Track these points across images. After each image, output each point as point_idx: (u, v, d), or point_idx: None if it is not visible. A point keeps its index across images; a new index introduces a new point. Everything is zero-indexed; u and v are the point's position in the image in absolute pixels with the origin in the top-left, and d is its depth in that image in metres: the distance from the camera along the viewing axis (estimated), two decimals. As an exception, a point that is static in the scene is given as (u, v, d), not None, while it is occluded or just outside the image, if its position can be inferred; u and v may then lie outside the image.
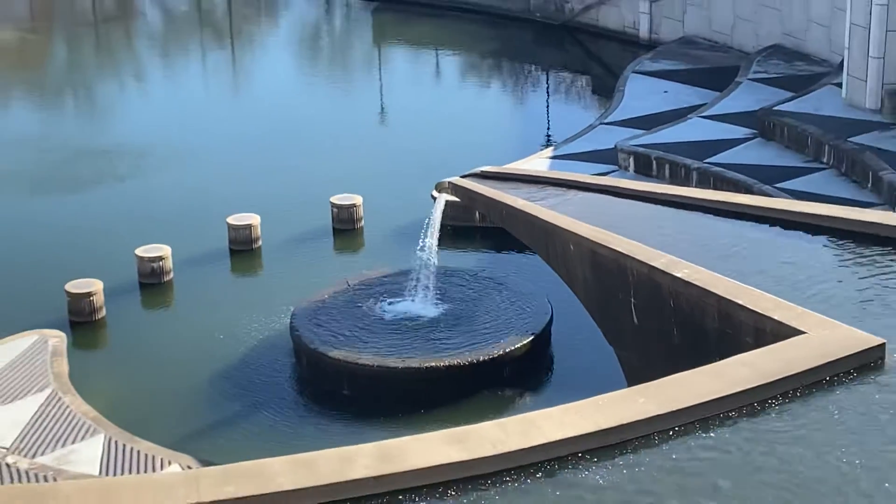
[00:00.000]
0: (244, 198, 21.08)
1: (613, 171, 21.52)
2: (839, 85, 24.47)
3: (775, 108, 23.75)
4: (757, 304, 7.81)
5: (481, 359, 14.68)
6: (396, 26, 41.67)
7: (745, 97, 25.29)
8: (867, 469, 4.87)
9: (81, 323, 16.59)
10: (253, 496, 3.93)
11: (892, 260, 9.80)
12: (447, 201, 16.23)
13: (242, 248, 19.30)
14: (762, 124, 22.93)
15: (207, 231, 19.91)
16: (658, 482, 4.76)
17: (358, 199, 20.34)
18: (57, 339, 15.30)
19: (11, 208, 22.95)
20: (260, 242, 19.41)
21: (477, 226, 18.96)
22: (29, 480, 11.39)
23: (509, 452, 4.51)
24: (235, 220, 19.15)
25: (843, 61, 24.30)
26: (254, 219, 19.16)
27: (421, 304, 16.45)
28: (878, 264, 9.81)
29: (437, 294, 16.63)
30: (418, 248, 16.12)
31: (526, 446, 4.61)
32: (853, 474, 4.80)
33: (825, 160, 21.48)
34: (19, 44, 42.18)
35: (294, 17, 48.34)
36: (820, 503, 4.80)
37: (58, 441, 12.89)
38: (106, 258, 18.90)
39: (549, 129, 27.90)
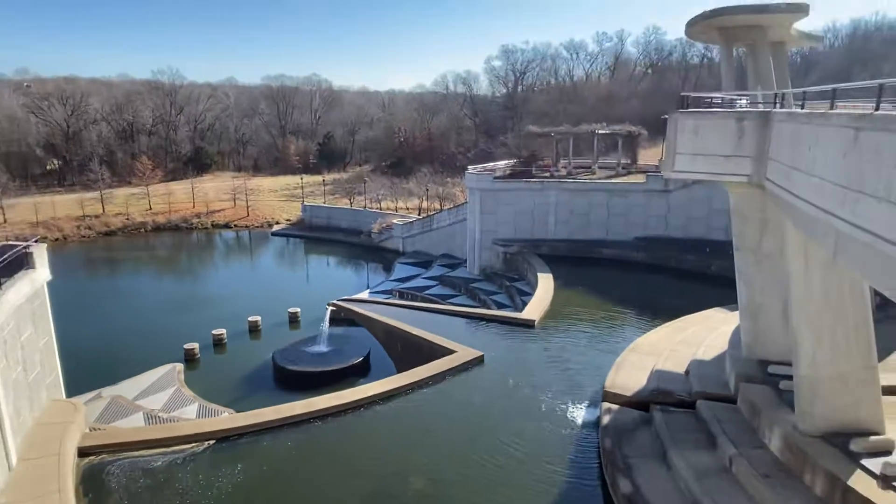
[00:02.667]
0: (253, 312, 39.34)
1: (390, 296, 44.13)
2: (465, 265, 50.17)
3: (446, 275, 49.75)
4: (435, 340, 26.16)
5: (344, 366, 31.63)
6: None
7: (435, 271, 51.33)
8: (474, 401, 21.26)
9: (190, 361, 33.21)
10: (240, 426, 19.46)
11: (484, 325, 29.27)
12: (331, 310, 35.49)
13: (255, 330, 38.40)
14: (442, 280, 47.95)
15: (239, 324, 37.83)
16: (418, 406, 20.85)
17: (297, 310, 40.43)
18: (180, 366, 31.77)
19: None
20: (261, 327, 38.16)
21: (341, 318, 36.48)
22: (165, 422, 24.25)
23: (339, 404, 20.51)
24: (252, 318, 38.24)
25: (467, 258, 50.08)
26: (258, 318, 38.54)
27: (322, 346, 33.44)
28: (487, 327, 29.22)
29: (328, 343, 33.94)
30: (321, 327, 34.96)
31: (359, 397, 20.83)
32: (465, 413, 20.45)
33: (462, 291, 45.11)
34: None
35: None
36: (453, 430, 19.44)
37: (178, 408, 26.70)
38: (198, 333, 35.38)
39: (367, 283, 50.39)
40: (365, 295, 42.73)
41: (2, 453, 16.97)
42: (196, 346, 33.24)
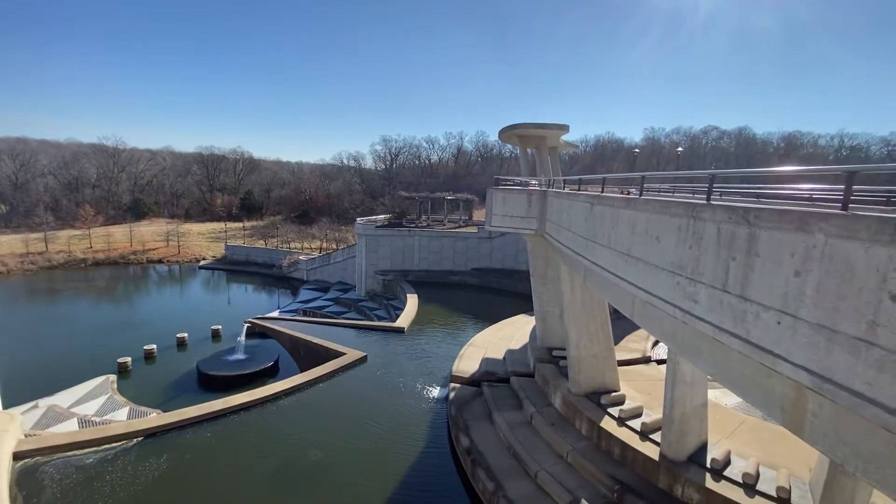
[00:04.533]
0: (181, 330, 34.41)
1: (295, 314, 40.91)
2: (354, 289, 49.52)
3: (340, 297, 47.32)
4: (330, 345, 24.08)
5: (257, 370, 28.38)
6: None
7: (332, 294, 49.06)
8: (360, 390, 20.09)
9: (122, 372, 28.16)
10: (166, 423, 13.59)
11: (367, 333, 30.14)
12: (247, 325, 32.42)
13: (182, 344, 33.21)
14: (337, 301, 46.32)
15: (168, 340, 32.85)
16: (315, 397, 19.34)
17: (219, 327, 36.32)
18: (112, 376, 26.62)
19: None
20: (188, 342, 33.61)
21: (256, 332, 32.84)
22: (97, 425, 19.73)
23: (251, 400, 18.44)
24: (180, 334, 33.54)
25: (356, 284, 49.54)
26: (185, 334, 33.95)
27: (239, 355, 30.23)
28: (370, 334, 28.47)
29: (244, 352, 30.48)
30: (239, 339, 31.51)
31: (269, 393, 18.84)
32: (353, 399, 19.25)
33: (352, 308, 43.30)
34: None
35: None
36: (343, 412, 17.99)
37: (110, 412, 22.68)
38: (130, 349, 30.32)
39: (278, 304, 47.24)
40: (276, 314, 39.84)
41: (-74, 469, 13.37)
42: (129, 359, 28.56)
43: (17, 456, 15.33)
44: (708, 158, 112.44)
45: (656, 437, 12.32)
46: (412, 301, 35.76)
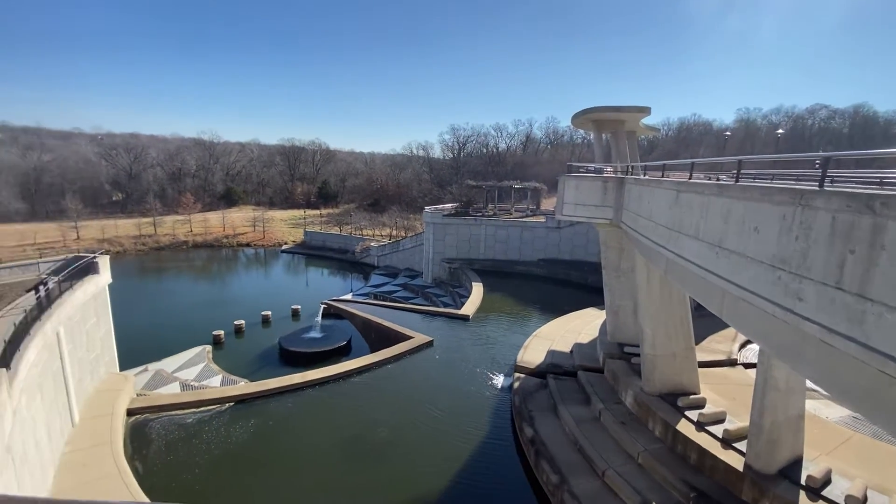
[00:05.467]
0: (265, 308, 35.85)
1: (367, 298, 40.46)
2: (422, 276, 49.39)
3: (408, 283, 47.47)
4: (398, 329, 25.67)
5: (331, 348, 27.97)
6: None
7: (400, 280, 49.51)
8: (425, 373, 20.82)
9: (216, 344, 30.17)
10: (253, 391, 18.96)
11: (434, 318, 29.70)
12: (323, 307, 34.35)
13: (266, 322, 34.74)
14: (405, 286, 46.73)
15: (255, 317, 34.75)
16: (384, 377, 20.57)
17: (298, 307, 37.42)
18: (208, 347, 28.80)
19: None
20: (271, 319, 35.18)
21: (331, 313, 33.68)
22: (195, 389, 21.77)
23: (327, 375, 19.82)
24: (264, 312, 35.12)
25: (423, 271, 49.65)
26: (269, 312, 35.72)
27: (316, 333, 30.63)
28: (436, 320, 28.50)
29: (320, 331, 30.75)
30: (316, 319, 32.63)
31: (342, 371, 20.30)
32: (419, 381, 20.03)
33: (419, 294, 42.98)
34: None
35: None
36: (410, 393, 18.89)
37: (206, 379, 24.25)
38: (223, 323, 32.44)
39: (351, 287, 48.99)
40: (349, 296, 41.77)
41: (67, 413, 15.71)
42: (222, 332, 31.35)
43: (130, 412, 17.60)
44: (814, 141, 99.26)
45: (740, 445, 11.34)
46: (477, 289, 35.78)
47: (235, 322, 33.38)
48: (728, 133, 58.34)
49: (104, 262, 21.92)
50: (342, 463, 14.73)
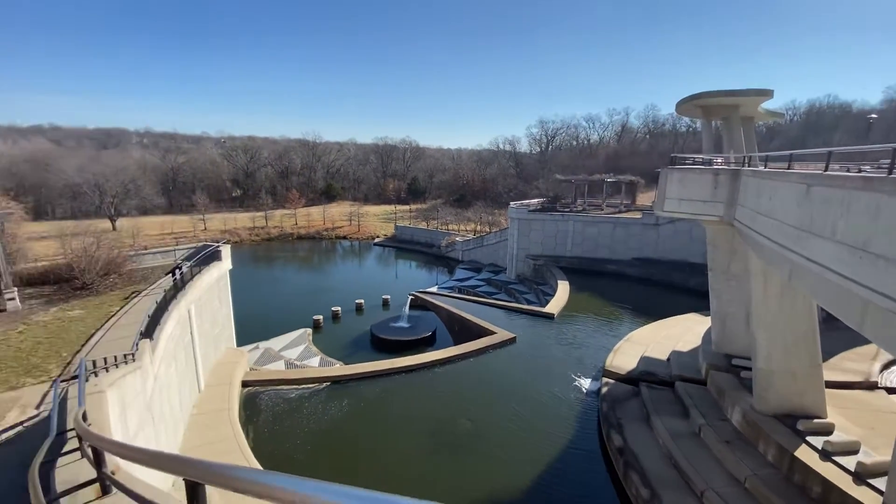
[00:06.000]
0: (358, 296, 38.29)
1: (452, 291, 41.46)
2: (505, 272, 48.45)
3: (492, 278, 46.72)
4: (482, 323, 25.92)
5: (418, 338, 29.00)
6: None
7: (484, 275, 48.79)
8: (508, 369, 20.69)
9: (316, 327, 32.79)
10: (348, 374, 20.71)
11: (517, 315, 28.36)
12: (411, 298, 35.75)
13: (359, 309, 37.01)
14: (488, 282, 46.32)
15: (349, 304, 37.10)
16: (467, 369, 20.80)
17: (388, 297, 39.51)
18: (309, 330, 31.55)
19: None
20: (364, 307, 37.43)
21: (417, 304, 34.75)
22: (298, 367, 24.09)
23: (413, 364, 20.80)
24: (358, 300, 37.58)
25: (507, 266, 48.65)
26: (362, 300, 37.96)
27: (403, 323, 32.22)
28: (519, 317, 28.17)
29: (407, 321, 32.28)
30: (404, 309, 34.13)
31: (427, 360, 21.10)
32: (502, 377, 19.97)
33: (502, 290, 42.28)
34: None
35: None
36: (492, 388, 18.89)
37: (307, 359, 26.42)
38: (321, 308, 35.15)
39: (436, 280, 48.90)
40: (434, 289, 42.79)
41: (195, 380, 18.06)
42: (321, 317, 34.01)
43: (244, 384, 19.80)
44: None
45: (877, 482, 9.63)
46: (563, 287, 34.59)
47: (333, 308, 35.97)
48: (873, 116, 48.97)
49: (226, 251, 24.88)
50: (426, 448, 15.18)
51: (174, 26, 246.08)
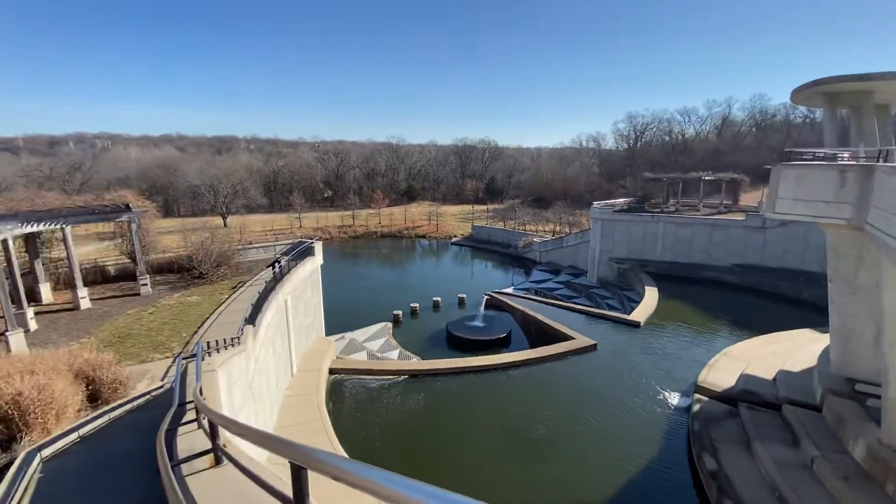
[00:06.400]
0: (436, 294, 38.84)
1: (529, 293, 39.81)
2: (585, 275, 45.80)
3: (571, 281, 44.21)
4: (560, 327, 24.97)
5: (493, 338, 28.05)
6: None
7: (563, 277, 46.55)
8: (587, 377, 19.87)
9: (395, 322, 33.53)
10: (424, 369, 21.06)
11: (598, 321, 27.61)
12: (486, 298, 35.56)
13: (436, 306, 36.99)
14: (567, 285, 43.98)
15: (427, 301, 37.65)
16: (543, 374, 20.21)
17: (464, 295, 38.96)
18: (389, 324, 32.52)
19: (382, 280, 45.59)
20: (440, 305, 37.34)
21: (493, 304, 34.78)
22: (379, 359, 24.73)
23: (488, 364, 20.81)
24: (435, 298, 37.48)
25: (588, 270, 45.83)
26: (439, 298, 38.48)
27: (479, 322, 31.48)
28: (601, 323, 26.80)
29: (483, 320, 31.63)
30: (479, 308, 33.93)
31: (503, 361, 20.94)
32: (580, 385, 19.21)
33: (582, 294, 40.07)
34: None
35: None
36: (570, 396, 18.21)
37: (387, 351, 26.82)
38: (401, 304, 36.06)
39: (512, 281, 48.08)
40: (510, 290, 42.28)
41: (289, 366, 19.67)
42: (400, 312, 35.18)
43: (331, 371, 21.17)
44: None
45: None
46: (651, 294, 32.36)
47: (411, 304, 37.14)
48: None
49: (318, 247, 26.79)
50: (499, 450, 15.10)
51: (276, 40, 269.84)
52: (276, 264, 22.04)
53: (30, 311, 21.22)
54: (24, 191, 42.43)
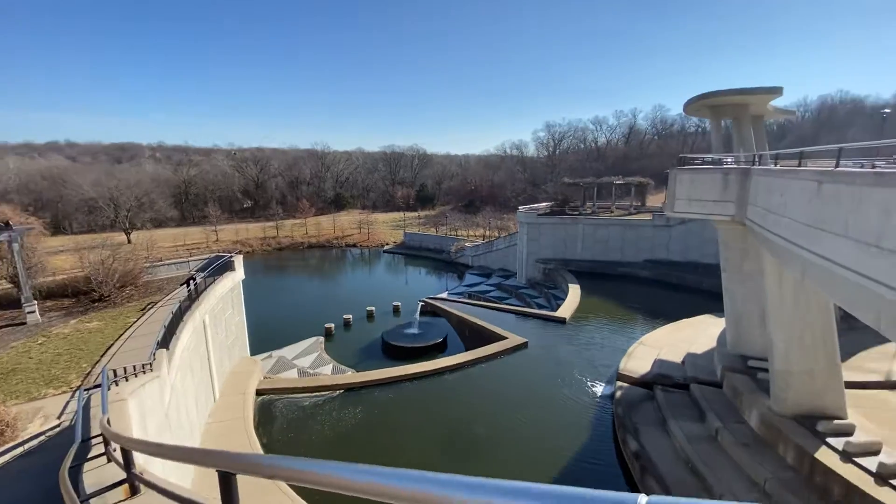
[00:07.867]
0: (369, 303, 38.78)
1: (462, 297, 40.72)
2: (515, 276, 48.25)
3: (502, 283, 47.04)
4: (493, 328, 25.58)
5: (429, 344, 29.28)
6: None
7: (494, 280, 49.01)
8: (520, 374, 20.72)
9: (328, 335, 33.02)
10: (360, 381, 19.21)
11: (528, 320, 28.52)
12: (421, 304, 35.88)
13: (370, 316, 37.43)
14: (499, 286, 45.83)
15: (360, 311, 37.75)
16: (479, 375, 20.85)
17: (399, 303, 39.71)
18: (321, 338, 32.08)
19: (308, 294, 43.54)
20: (375, 314, 37.78)
21: (428, 311, 35.13)
22: (311, 376, 24.71)
23: (425, 370, 20.67)
24: (368, 308, 37.98)
25: (517, 271, 48.61)
26: (373, 308, 38.31)
27: (414, 329, 32.34)
28: (530, 321, 27.89)
29: (418, 327, 32.57)
30: (415, 316, 34.55)
31: (439, 366, 20.92)
32: (514, 382, 19.99)
33: (512, 294, 42.08)
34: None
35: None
36: (505, 393, 18.83)
37: (319, 367, 26.53)
38: (333, 317, 35.57)
39: (447, 286, 49.88)
40: (445, 295, 42.84)
41: (211, 390, 18.30)
42: (332, 325, 34.22)
43: (258, 392, 20.00)
44: None
45: (905, 485, 9.45)
46: (574, 291, 34.45)
47: (344, 316, 36.22)
48: (887, 111, 48.05)
49: (239, 261, 25.25)
50: (440, 455, 15.19)
51: (181, 43, 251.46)
52: (191, 281, 20.47)
53: None
54: None
